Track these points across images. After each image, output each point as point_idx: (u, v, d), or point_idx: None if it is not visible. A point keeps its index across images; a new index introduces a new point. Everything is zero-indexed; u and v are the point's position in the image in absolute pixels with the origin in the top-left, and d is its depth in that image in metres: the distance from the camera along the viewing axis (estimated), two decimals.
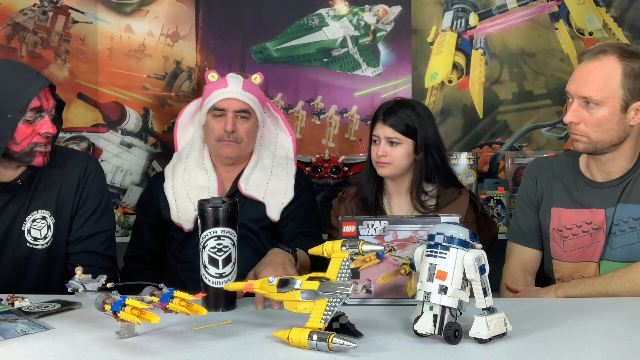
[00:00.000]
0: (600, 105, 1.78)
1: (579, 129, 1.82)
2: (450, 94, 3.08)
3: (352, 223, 1.63)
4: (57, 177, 1.95)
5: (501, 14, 3.06)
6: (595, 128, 1.80)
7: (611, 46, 1.83)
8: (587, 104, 1.79)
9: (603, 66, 1.78)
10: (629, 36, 3.00)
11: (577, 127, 1.82)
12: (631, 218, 1.84)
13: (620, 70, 1.77)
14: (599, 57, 1.80)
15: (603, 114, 1.79)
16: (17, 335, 1.37)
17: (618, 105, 1.78)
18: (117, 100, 3.07)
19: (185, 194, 2.24)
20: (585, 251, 1.90)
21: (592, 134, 1.81)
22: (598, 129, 1.80)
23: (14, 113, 1.76)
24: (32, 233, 1.91)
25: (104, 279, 1.59)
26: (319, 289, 1.31)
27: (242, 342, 1.33)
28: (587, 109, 1.80)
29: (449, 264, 1.29)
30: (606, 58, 1.79)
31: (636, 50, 1.83)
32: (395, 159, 2.16)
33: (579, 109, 1.81)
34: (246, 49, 3.10)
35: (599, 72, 1.78)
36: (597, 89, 1.77)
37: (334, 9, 3.07)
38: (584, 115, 1.80)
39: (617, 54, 1.78)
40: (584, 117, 1.81)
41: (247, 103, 2.25)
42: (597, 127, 1.80)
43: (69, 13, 3.01)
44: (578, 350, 1.25)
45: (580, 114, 1.81)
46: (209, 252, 1.57)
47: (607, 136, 1.81)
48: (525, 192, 2.06)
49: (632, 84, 1.77)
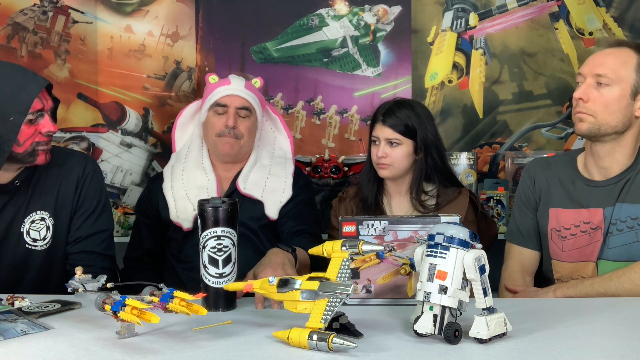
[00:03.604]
0: (612, 85, 1.82)
1: (587, 107, 1.85)
2: (450, 94, 3.08)
3: (352, 223, 1.63)
4: (56, 178, 1.94)
5: (501, 14, 3.06)
6: (603, 108, 1.83)
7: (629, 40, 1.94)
8: (599, 84, 1.83)
9: (620, 52, 1.86)
10: (629, 36, 2.99)
11: (586, 105, 1.85)
12: (629, 218, 1.84)
13: (636, 59, 1.84)
14: (618, 47, 1.88)
15: (613, 95, 1.83)
16: (17, 335, 1.37)
17: (629, 89, 1.83)
18: (117, 100, 3.07)
19: (185, 194, 2.25)
20: (584, 251, 1.90)
21: (599, 114, 1.84)
22: (605, 110, 1.83)
23: (17, 115, 1.75)
24: (31, 234, 1.91)
25: (104, 279, 1.59)
26: (319, 289, 1.31)
27: (242, 342, 1.33)
28: (598, 88, 1.84)
29: (449, 264, 1.30)
30: (623, 48, 1.87)
31: None
32: (395, 160, 2.16)
33: (589, 88, 1.85)
34: (246, 49, 3.10)
35: (615, 56, 1.85)
36: (612, 68, 1.83)
37: (334, 9, 3.07)
38: (594, 93, 1.84)
39: (634, 47, 1.87)
40: (593, 96, 1.84)
41: (248, 101, 2.27)
42: (605, 107, 1.83)
43: (69, 13, 3.01)
44: (578, 350, 1.25)
45: (591, 92, 1.85)
46: (209, 252, 1.57)
47: (613, 119, 1.83)
48: (523, 192, 2.06)
49: None
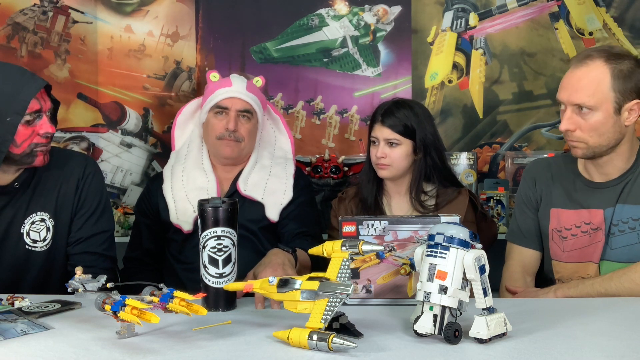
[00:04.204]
0: (594, 110, 1.78)
1: (576, 136, 1.82)
2: (450, 94, 3.08)
3: (352, 223, 1.63)
4: (56, 179, 1.94)
5: (501, 14, 3.06)
6: (592, 133, 1.80)
7: (596, 50, 1.83)
8: (581, 110, 1.78)
9: (591, 72, 1.77)
10: (629, 36, 2.99)
11: (574, 134, 1.82)
12: (631, 219, 1.84)
13: (609, 73, 1.76)
14: (586, 63, 1.79)
15: (598, 119, 1.78)
16: (17, 335, 1.37)
17: (611, 109, 1.78)
18: (117, 100, 3.07)
19: (184, 195, 2.24)
20: (585, 252, 1.90)
21: (590, 140, 1.81)
22: (595, 134, 1.80)
23: (13, 116, 1.74)
24: (31, 235, 1.90)
25: (104, 279, 1.59)
26: (319, 289, 1.31)
27: (242, 342, 1.33)
28: (581, 115, 1.79)
29: (449, 264, 1.30)
30: (593, 63, 1.78)
31: (621, 51, 1.84)
32: (394, 160, 2.15)
33: (573, 116, 1.80)
34: (246, 49, 3.10)
35: (588, 78, 1.77)
36: (588, 95, 1.77)
37: (334, 9, 3.07)
38: (579, 121, 1.80)
39: (603, 57, 1.78)
40: (579, 124, 1.80)
41: (250, 103, 2.25)
42: (593, 131, 1.80)
43: (69, 13, 3.00)
44: (578, 350, 1.25)
45: (575, 120, 1.80)
46: (209, 252, 1.57)
47: (604, 139, 1.81)
48: (524, 193, 2.06)
49: (622, 85, 1.76)
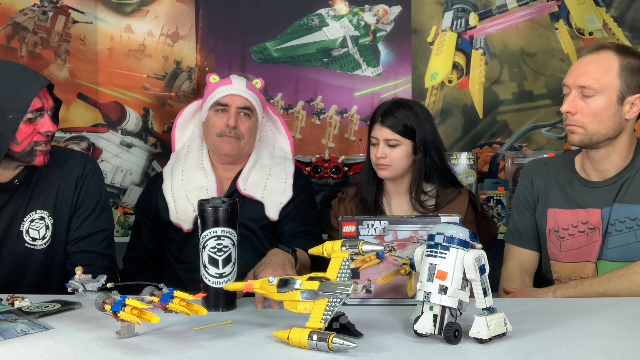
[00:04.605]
0: (597, 95, 1.81)
1: (576, 119, 1.84)
2: (450, 94, 3.08)
3: (352, 223, 1.63)
4: (56, 177, 1.94)
5: (501, 14, 3.06)
6: (592, 118, 1.82)
7: (609, 42, 1.91)
8: (584, 95, 1.82)
9: (601, 59, 1.83)
10: (629, 36, 2.99)
11: (574, 117, 1.84)
12: (628, 218, 1.84)
13: (618, 63, 1.81)
14: (597, 51, 1.85)
15: (600, 104, 1.81)
16: (17, 335, 1.37)
17: (614, 96, 1.81)
18: (117, 100, 3.07)
19: (184, 194, 2.24)
20: (582, 251, 1.90)
21: (589, 125, 1.83)
22: (594, 119, 1.82)
23: (15, 114, 1.75)
24: (31, 233, 1.91)
25: (104, 279, 1.59)
26: (319, 289, 1.31)
27: (242, 342, 1.33)
28: (584, 99, 1.83)
29: (449, 264, 1.30)
30: (604, 52, 1.84)
31: (633, 49, 1.90)
32: (394, 161, 2.15)
33: (575, 99, 1.84)
34: (246, 49, 3.10)
35: (597, 64, 1.83)
36: (595, 78, 1.81)
37: (334, 9, 3.07)
38: (581, 105, 1.83)
39: (614, 49, 1.84)
40: (580, 107, 1.83)
41: (250, 101, 2.26)
42: (593, 117, 1.82)
43: (69, 13, 3.00)
44: (578, 350, 1.25)
45: (577, 103, 1.83)
46: (209, 252, 1.57)
47: (603, 127, 1.82)
48: (521, 193, 2.06)
49: (629, 77, 1.81)
